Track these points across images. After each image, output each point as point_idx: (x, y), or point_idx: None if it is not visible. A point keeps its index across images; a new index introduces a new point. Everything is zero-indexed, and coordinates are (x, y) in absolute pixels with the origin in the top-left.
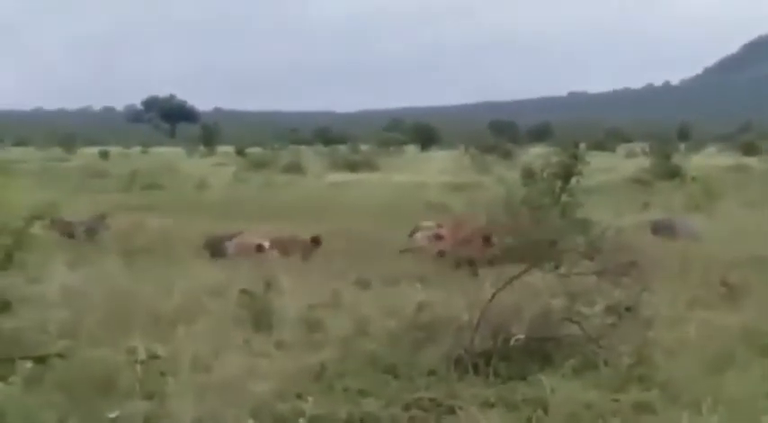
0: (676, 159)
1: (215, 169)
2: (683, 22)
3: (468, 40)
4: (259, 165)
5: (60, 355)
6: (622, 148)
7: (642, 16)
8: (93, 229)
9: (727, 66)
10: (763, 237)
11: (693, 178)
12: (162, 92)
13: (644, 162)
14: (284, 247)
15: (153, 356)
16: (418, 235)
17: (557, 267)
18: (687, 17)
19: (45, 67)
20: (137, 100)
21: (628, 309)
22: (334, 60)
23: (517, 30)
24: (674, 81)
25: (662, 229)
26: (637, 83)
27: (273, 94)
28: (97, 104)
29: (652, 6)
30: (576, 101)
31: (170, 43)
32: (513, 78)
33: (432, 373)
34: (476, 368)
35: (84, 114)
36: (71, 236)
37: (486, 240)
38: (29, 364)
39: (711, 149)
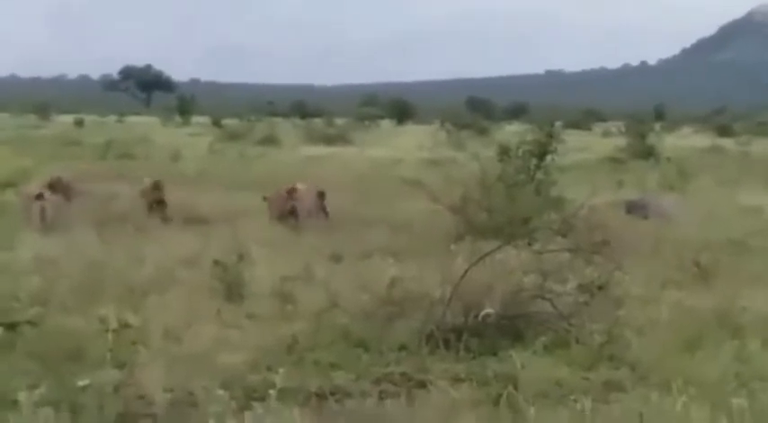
0: (651, 139)
1: (190, 140)
2: (662, 2)
3: (447, 16)
4: (234, 136)
5: (31, 323)
6: (598, 128)
7: None
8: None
9: (705, 47)
10: (736, 219)
11: (668, 158)
12: (139, 61)
13: (619, 141)
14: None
15: (124, 325)
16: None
17: (530, 244)
18: None
19: (20, 34)
20: (113, 69)
21: (600, 287)
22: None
23: (495, 7)
24: (652, 61)
25: (636, 208)
26: (614, 62)
27: (250, 67)
28: (73, 73)
29: None
30: (553, 79)
31: (148, 13)
32: (491, 56)
33: (403, 347)
34: (447, 343)
35: (59, 82)
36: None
37: (321, 196)
38: (0, 331)
39: (686, 130)
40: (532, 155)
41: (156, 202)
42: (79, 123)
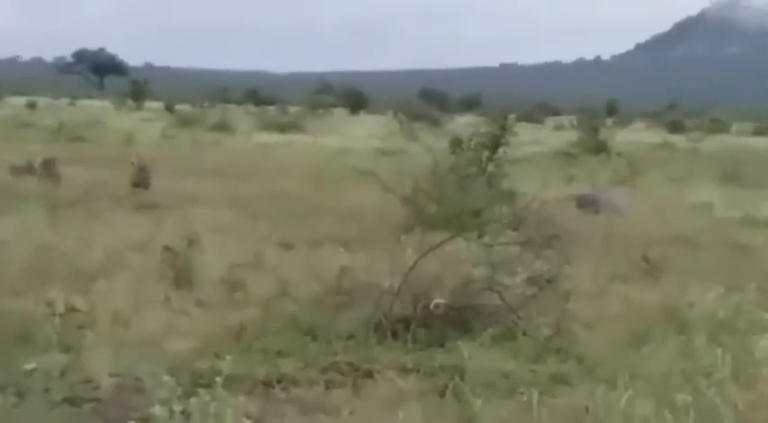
0: (603, 134)
1: (143, 124)
2: None
3: (404, 6)
4: (187, 122)
5: None
6: (551, 121)
7: None
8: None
9: (659, 43)
10: (685, 215)
11: (619, 154)
12: (93, 45)
13: (571, 135)
14: None
15: (72, 309)
16: None
17: (480, 237)
18: None
19: None
20: (67, 52)
21: (549, 281)
22: (267, 22)
23: None
24: (606, 56)
25: (586, 203)
26: (568, 56)
27: (205, 53)
28: (26, 55)
29: None
30: (507, 72)
31: None
32: (445, 47)
33: (351, 337)
34: (395, 334)
35: (12, 64)
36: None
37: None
38: None
39: (638, 126)
40: (485, 147)
41: (139, 184)
42: (32, 106)
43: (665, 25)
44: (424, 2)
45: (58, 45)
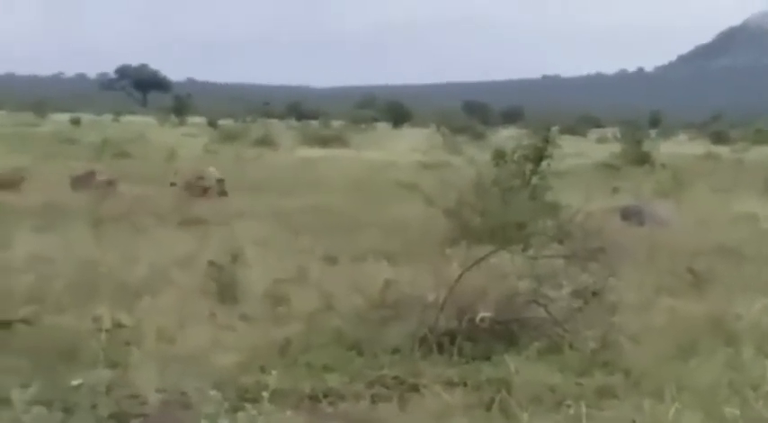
0: (647, 146)
1: (186, 140)
2: (659, 9)
3: (445, 18)
4: (230, 137)
5: (25, 321)
6: (594, 133)
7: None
8: None
9: (702, 54)
10: (730, 226)
11: (663, 165)
12: (135, 60)
13: (615, 147)
14: None
15: (118, 325)
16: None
17: (525, 250)
18: (664, 4)
19: (17, 32)
20: (110, 68)
21: (594, 293)
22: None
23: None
24: (648, 68)
25: (631, 215)
26: (610, 68)
27: (248, 67)
28: (69, 71)
29: None
30: (550, 84)
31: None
32: (488, 59)
33: (396, 350)
34: (440, 347)
35: (55, 81)
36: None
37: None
38: None
39: (682, 137)
40: (528, 160)
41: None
42: (75, 122)
43: (707, 36)
44: (467, 14)
45: (101, 61)
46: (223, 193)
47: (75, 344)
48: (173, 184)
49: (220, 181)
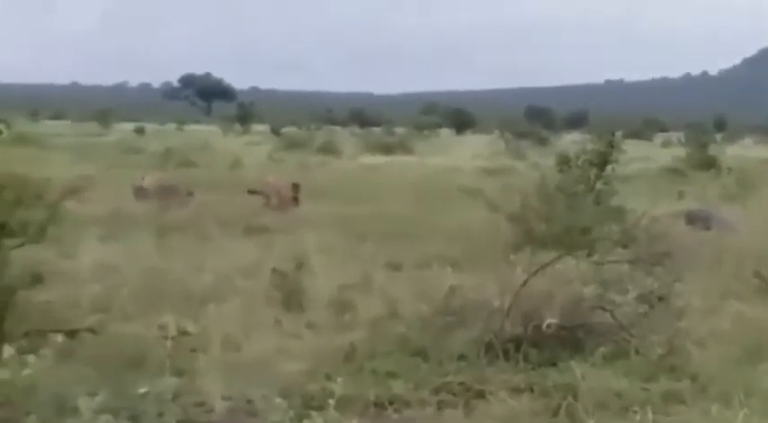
0: (712, 150)
1: (250, 148)
2: (723, 11)
3: (506, 23)
4: (294, 145)
5: (91, 330)
6: (658, 138)
7: (682, 4)
8: None
9: (767, 57)
10: None
11: (729, 169)
12: (199, 69)
13: (680, 152)
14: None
15: (184, 333)
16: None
17: (590, 255)
18: (727, 6)
19: (82, 41)
20: (173, 77)
21: (660, 298)
22: (373, 41)
23: (556, 14)
24: (713, 71)
25: (696, 219)
26: (675, 72)
27: (311, 75)
28: (133, 80)
29: None
30: (613, 89)
31: (208, 20)
32: (551, 64)
33: (461, 357)
34: (506, 353)
35: (120, 90)
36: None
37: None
38: (60, 338)
39: (748, 141)
40: (592, 164)
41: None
42: (140, 131)
43: None
44: (528, 18)
45: (164, 70)
46: (296, 201)
47: (141, 352)
48: (252, 192)
49: (296, 187)
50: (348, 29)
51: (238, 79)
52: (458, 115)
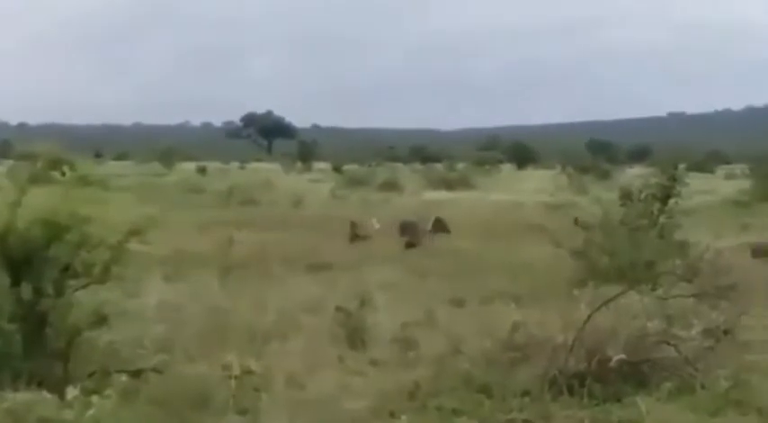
0: None
1: (312, 186)
2: None
3: (565, 56)
4: (355, 182)
5: (156, 370)
6: (722, 170)
7: (744, 36)
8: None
9: None
10: None
11: None
12: (260, 107)
13: (744, 184)
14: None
15: (247, 372)
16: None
17: (654, 289)
18: None
19: (144, 82)
20: (235, 116)
21: (726, 332)
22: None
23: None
24: None
25: (762, 251)
26: (737, 104)
27: (372, 112)
28: (196, 120)
29: (753, 27)
30: (676, 121)
31: (269, 59)
32: (612, 98)
33: (526, 393)
34: (570, 389)
35: (182, 129)
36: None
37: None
38: (124, 378)
39: None
40: (655, 198)
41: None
42: (202, 170)
43: None
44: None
45: (226, 109)
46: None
47: (205, 391)
48: (355, 235)
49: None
50: (409, 66)
51: (300, 117)
52: (519, 150)
